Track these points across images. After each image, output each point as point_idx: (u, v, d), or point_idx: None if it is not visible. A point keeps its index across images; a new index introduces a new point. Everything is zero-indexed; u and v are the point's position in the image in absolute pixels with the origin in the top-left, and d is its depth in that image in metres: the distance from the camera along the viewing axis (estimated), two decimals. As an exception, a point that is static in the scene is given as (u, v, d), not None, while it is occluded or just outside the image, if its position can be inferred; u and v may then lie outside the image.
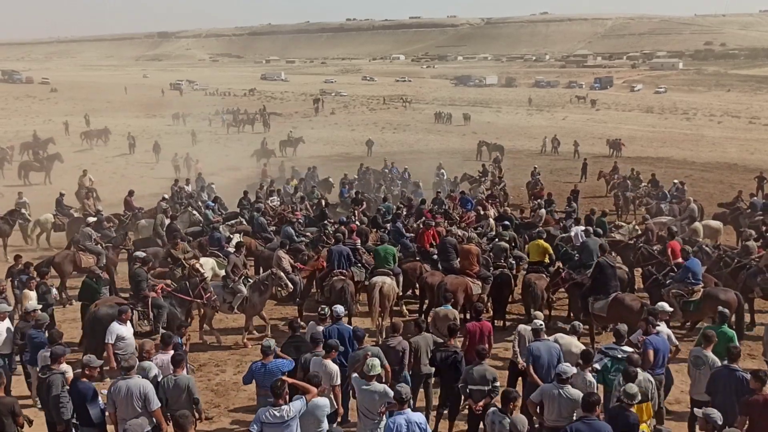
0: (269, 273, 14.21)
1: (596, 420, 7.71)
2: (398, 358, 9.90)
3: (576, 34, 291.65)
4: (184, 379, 8.97)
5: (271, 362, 9.32)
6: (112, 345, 10.82)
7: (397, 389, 7.98)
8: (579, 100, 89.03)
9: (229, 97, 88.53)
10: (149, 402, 8.47)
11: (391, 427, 7.75)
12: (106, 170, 37.62)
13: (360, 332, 10.15)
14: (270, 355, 9.38)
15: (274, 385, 8.00)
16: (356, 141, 48.96)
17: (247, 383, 9.68)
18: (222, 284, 14.21)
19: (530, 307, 14.20)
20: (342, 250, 15.16)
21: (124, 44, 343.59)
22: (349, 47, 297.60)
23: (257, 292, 13.97)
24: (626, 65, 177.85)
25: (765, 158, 42.61)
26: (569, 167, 38.39)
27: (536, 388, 9.16)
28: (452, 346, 10.16)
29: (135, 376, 8.60)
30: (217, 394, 11.89)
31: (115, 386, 8.54)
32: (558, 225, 20.99)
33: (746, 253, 15.91)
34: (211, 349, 13.87)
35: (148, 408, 8.48)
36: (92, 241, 17.62)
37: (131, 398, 8.42)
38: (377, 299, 13.88)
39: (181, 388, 8.86)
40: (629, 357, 9.16)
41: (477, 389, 9.17)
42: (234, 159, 38.10)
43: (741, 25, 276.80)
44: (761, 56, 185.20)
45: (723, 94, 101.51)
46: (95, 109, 65.92)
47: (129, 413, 8.46)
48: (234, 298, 13.92)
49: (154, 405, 8.51)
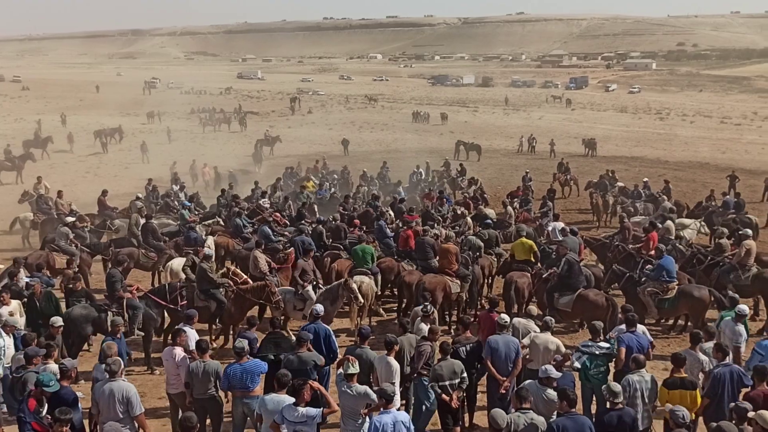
0: (343, 282, 13.71)
1: (579, 415, 7.84)
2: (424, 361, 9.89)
3: (552, 34, 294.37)
4: (213, 364, 9.32)
5: (248, 362, 9.26)
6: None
7: (383, 388, 7.97)
8: (555, 99, 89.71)
9: (204, 95, 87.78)
10: (132, 406, 8.31)
11: (377, 426, 7.73)
12: (79, 169, 37.09)
13: (365, 330, 10.08)
14: (244, 356, 9.33)
15: (295, 384, 7.94)
16: (333, 140, 48.79)
17: (224, 389, 9.52)
18: (293, 290, 13.96)
19: (511, 305, 14.29)
20: (304, 240, 16.03)
21: (97, 42, 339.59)
22: (327, 46, 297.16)
23: (328, 301, 13.45)
24: (601, 65, 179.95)
25: (736, 157, 43.28)
26: (545, 166, 38.63)
27: (496, 382, 9.71)
28: (471, 337, 10.38)
29: (119, 379, 8.46)
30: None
31: (99, 389, 8.41)
32: (534, 223, 21.17)
33: (719, 251, 16.15)
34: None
35: (131, 413, 8.32)
36: (68, 241, 17.37)
37: (113, 401, 8.26)
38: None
39: (209, 373, 9.20)
40: (635, 358, 9.14)
41: (448, 384, 9.30)
42: (209, 157, 37.78)
43: (712, 27, 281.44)
44: (732, 57, 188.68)
45: (695, 95, 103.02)
46: (68, 107, 64.97)
47: (111, 416, 8.31)
48: (305, 305, 13.53)
49: (137, 410, 8.36)
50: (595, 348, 9.93)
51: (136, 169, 35.63)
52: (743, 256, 15.24)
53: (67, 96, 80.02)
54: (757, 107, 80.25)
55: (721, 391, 8.84)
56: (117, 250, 17.08)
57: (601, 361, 9.89)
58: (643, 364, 8.98)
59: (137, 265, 17.55)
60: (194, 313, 11.26)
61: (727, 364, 9.08)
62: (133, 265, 17.03)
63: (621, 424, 7.85)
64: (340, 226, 18.55)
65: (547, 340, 10.15)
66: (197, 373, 9.27)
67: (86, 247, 17.82)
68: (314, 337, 10.38)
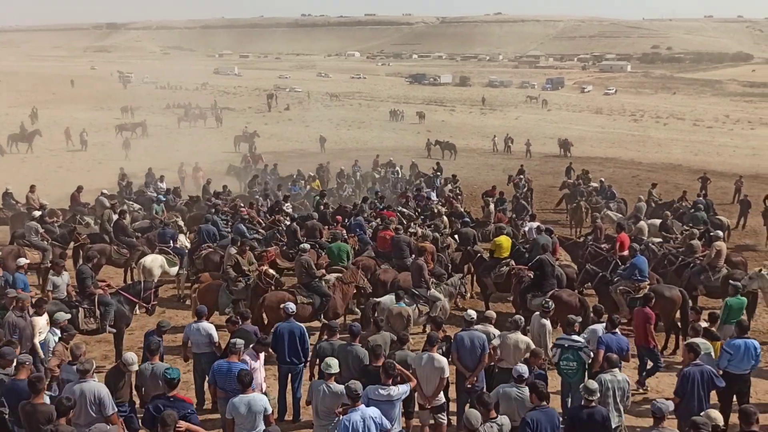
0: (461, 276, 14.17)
1: (551, 408, 7.98)
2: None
3: (528, 35, 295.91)
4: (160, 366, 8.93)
5: (236, 363, 9.14)
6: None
7: (349, 386, 7.94)
8: (531, 100, 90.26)
9: (180, 90, 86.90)
10: (104, 407, 8.15)
11: (346, 425, 7.71)
12: (51, 164, 36.51)
13: (356, 327, 10.03)
14: (236, 354, 9.24)
15: (387, 365, 8.44)
16: (310, 138, 48.60)
17: (212, 383, 9.43)
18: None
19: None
20: (209, 229, 17.45)
21: (71, 34, 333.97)
22: (304, 43, 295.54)
23: (448, 297, 13.69)
24: (577, 66, 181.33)
25: (708, 159, 43.94)
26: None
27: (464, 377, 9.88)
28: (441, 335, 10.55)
29: (90, 379, 8.30)
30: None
31: (70, 390, 8.22)
32: (510, 223, 21.30)
33: (690, 251, 16.36)
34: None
35: (104, 413, 8.16)
36: (38, 236, 17.09)
37: (85, 402, 8.10)
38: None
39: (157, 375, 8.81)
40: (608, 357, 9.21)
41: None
42: (184, 154, 37.43)
43: (686, 30, 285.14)
44: (705, 60, 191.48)
45: (669, 97, 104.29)
46: (40, 100, 63.95)
47: (83, 418, 8.13)
48: (432, 307, 13.32)
49: (110, 410, 8.19)
50: (566, 341, 10.05)
51: (110, 164, 35.13)
52: (714, 257, 15.45)
53: (39, 89, 78.70)
54: (729, 110, 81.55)
55: (690, 389, 8.96)
56: (88, 246, 16.86)
57: (572, 355, 9.96)
58: (616, 363, 9.05)
59: (109, 261, 17.34)
60: (203, 309, 11.11)
61: (698, 363, 9.20)
62: (104, 261, 16.83)
63: (591, 421, 7.91)
64: (315, 224, 18.47)
65: (518, 339, 10.21)
66: (146, 375, 9.05)
67: (55, 240, 17.57)
68: (288, 336, 10.33)
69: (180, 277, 17.02)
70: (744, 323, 10.63)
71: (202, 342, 10.59)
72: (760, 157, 45.16)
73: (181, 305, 16.29)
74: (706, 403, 9.03)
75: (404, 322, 11.65)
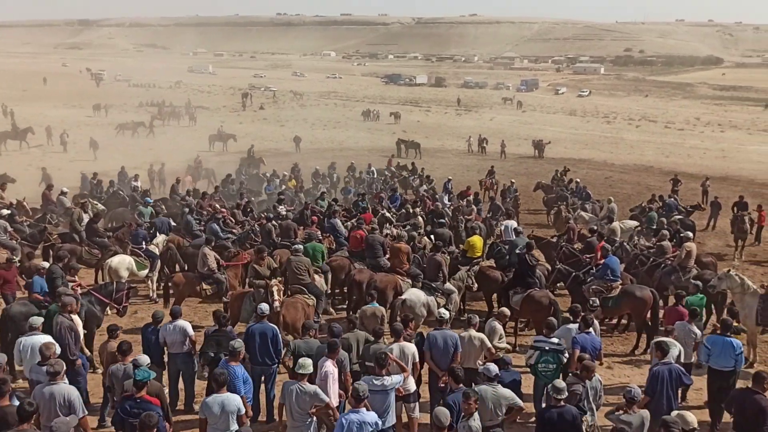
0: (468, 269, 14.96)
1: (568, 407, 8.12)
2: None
3: (504, 36, 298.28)
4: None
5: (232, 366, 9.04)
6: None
7: (355, 386, 7.98)
8: (506, 101, 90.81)
9: (153, 89, 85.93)
10: (74, 409, 8.00)
11: (343, 424, 7.71)
12: (21, 162, 35.86)
13: (337, 329, 9.91)
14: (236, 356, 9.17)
15: (379, 357, 8.78)
16: (285, 137, 48.37)
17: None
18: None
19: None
20: (164, 221, 18.54)
21: (42, 31, 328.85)
22: (280, 42, 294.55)
23: (457, 291, 14.50)
24: (551, 68, 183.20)
25: (679, 161, 44.61)
26: (496, 167, 39.11)
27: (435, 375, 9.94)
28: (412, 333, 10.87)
29: (60, 381, 8.15)
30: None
31: (39, 391, 8.08)
32: (484, 222, 21.41)
33: (661, 252, 16.59)
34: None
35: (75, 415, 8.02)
36: (6, 234, 16.78)
37: (54, 405, 7.96)
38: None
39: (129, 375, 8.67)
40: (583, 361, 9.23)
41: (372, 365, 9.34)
42: (158, 153, 37.00)
43: (659, 33, 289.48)
44: (677, 64, 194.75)
45: (641, 99, 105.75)
46: (10, 97, 62.77)
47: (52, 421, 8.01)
48: (448, 299, 14.02)
49: (80, 413, 8.05)
50: (545, 344, 10.11)
51: (80, 163, 34.60)
52: (684, 257, 15.69)
53: (9, 86, 77.26)
54: (700, 113, 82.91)
55: (659, 388, 9.09)
56: (59, 246, 16.60)
57: (551, 358, 10.03)
58: (592, 371, 8.97)
59: (80, 261, 17.05)
60: (178, 309, 10.97)
61: (667, 362, 9.33)
62: (75, 261, 16.55)
63: (561, 421, 7.96)
64: (290, 224, 18.38)
65: (471, 336, 10.28)
66: (117, 376, 9.04)
67: (25, 240, 17.28)
68: (260, 338, 10.26)
69: (151, 278, 16.82)
70: (728, 321, 10.89)
71: (178, 341, 10.48)
72: (730, 159, 45.98)
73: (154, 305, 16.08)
74: (675, 401, 9.19)
75: (378, 322, 11.65)
